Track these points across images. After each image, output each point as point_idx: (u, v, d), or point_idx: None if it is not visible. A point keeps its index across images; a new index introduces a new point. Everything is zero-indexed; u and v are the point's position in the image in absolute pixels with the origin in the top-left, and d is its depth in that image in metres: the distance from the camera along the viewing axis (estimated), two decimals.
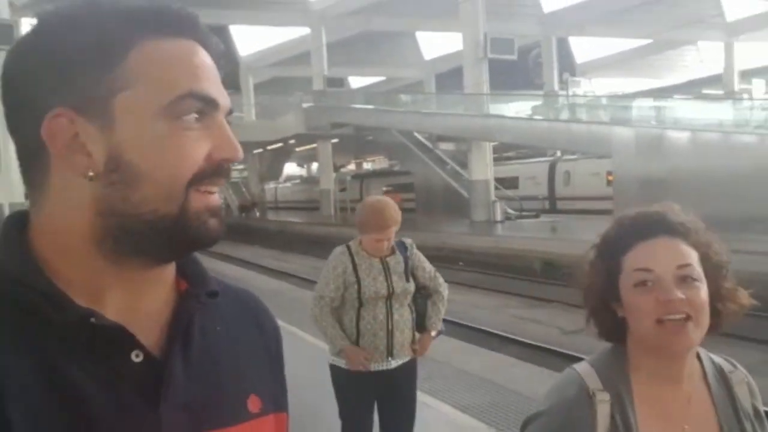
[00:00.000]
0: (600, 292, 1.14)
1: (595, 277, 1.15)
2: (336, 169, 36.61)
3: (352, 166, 49.42)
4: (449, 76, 28.25)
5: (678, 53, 40.70)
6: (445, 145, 24.46)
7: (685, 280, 1.07)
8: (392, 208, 3.10)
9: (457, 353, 6.64)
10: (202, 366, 0.65)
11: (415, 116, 24.17)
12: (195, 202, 0.61)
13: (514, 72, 30.01)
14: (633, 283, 1.08)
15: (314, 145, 30.34)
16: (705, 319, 1.08)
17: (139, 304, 0.64)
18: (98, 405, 0.58)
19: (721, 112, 16.98)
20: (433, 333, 3.19)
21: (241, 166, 43.71)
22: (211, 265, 17.76)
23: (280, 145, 32.79)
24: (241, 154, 0.63)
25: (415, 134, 24.64)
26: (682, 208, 1.14)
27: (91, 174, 0.60)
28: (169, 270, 0.67)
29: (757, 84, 28.43)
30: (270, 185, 43.03)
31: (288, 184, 47.83)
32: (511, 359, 7.18)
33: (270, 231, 27.02)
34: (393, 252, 3.14)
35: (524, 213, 22.18)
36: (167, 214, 0.60)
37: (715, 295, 1.11)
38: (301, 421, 2.95)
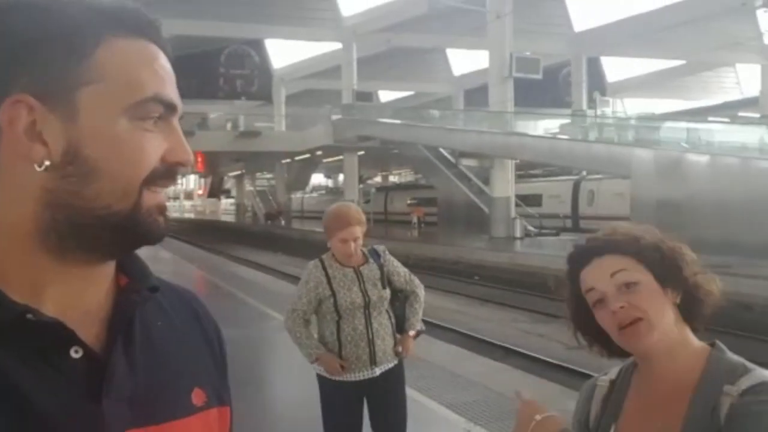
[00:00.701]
0: (584, 322, 1.21)
1: (574, 311, 1.23)
2: (362, 180, 37.11)
3: (378, 179, 49.92)
4: (478, 92, 28.51)
5: (715, 74, 40.33)
6: (467, 161, 24.76)
7: (626, 286, 1.13)
8: (354, 209, 3.17)
9: (454, 359, 6.92)
10: (144, 360, 0.65)
11: (440, 132, 24.52)
12: (147, 200, 0.62)
13: (545, 89, 30.23)
14: (592, 305, 1.17)
15: (341, 157, 30.87)
16: (660, 317, 1.12)
17: (80, 299, 0.63)
18: (38, 403, 0.57)
19: (743, 136, 16.91)
20: (412, 333, 3.20)
21: (269, 176, 44.58)
22: (231, 268, 18.31)
23: (307, 156, 33.42)
24: (192, 158, 0.65)
25: (440, 150, 24.98)
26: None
27: (47, 164, 0.59)
28: (110, 265, 0.66)
29: None
30: (297, 195, 43.73)
31: (314, 195, 48.49)
32: (503, 365, 7.47)
33: (293, 239, 27.52)
34: (366, 260, 3.16)
35: (544, 230, 22.28)
36: (120, 210, 0.61)
37: (676, 283, 1.15)
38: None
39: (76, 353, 0.60)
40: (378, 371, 3.05)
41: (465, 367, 6.43)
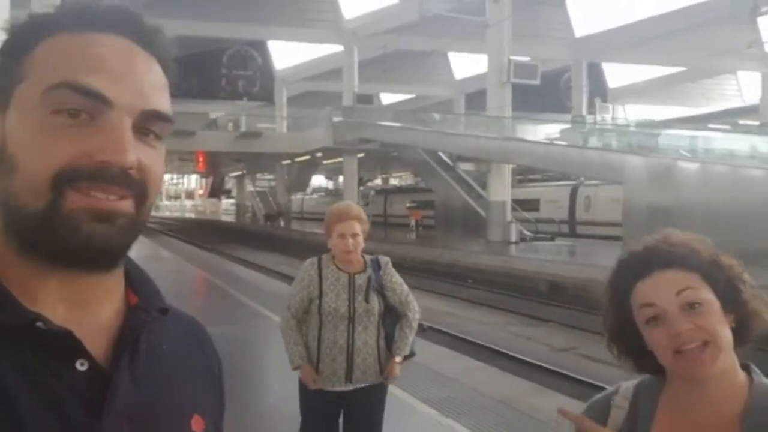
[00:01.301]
0: (623, 333, 1.14)
1: (614, 321, 1.16)
2: (362, 183, 37.28)
3: (378, 181, 50.12)
4: (479, 96, 28.73)
5: (716, 82, 40.48)
6: (465, 165, 24.95)
7: (690, 306, 1.05)
8: (354, 206, 3.13)
9: (438, 358, 7.13)
10: (147, 381, 0.64)
11: (438, 135, 24.74)
12: (72, 202, 0.57)
13: (545, 94, 30.45)
14: (644, 321, 1.09)
15: (341, 159, 31.11)
16: (724, 339, 1.05)
17: (88, 313, 0.62)
18: (37, 414, 0.56)
19: (735, 144, 17.10)
20: (398, 359, 3.04)
21: (269, 176, 44.85)
22: (228, 267, 18.49)
23: (307, 157, 33.64)
24: (126, 158, 0.58)
25: (439, 153, 25.19)
26: (681, 231, 1.15)
27: None
28: (114, 281, 0.65)
29: None
30: (297, 196, 43.97)
31: (314, 196, 48.73)
32: (481, 363, 7.72)
33: (292, 239, 27.74)
34: (364, 269, 3.05)
35: (539, 235, 22.47)
36: (34, 210, 0.58)
37: (734, 306, 1.08)
38: None
39: (81, 365, 0.59)
40: (352, 387, 2.99)
41: (445, 366, 6.65)
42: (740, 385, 1.09)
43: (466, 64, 37.34)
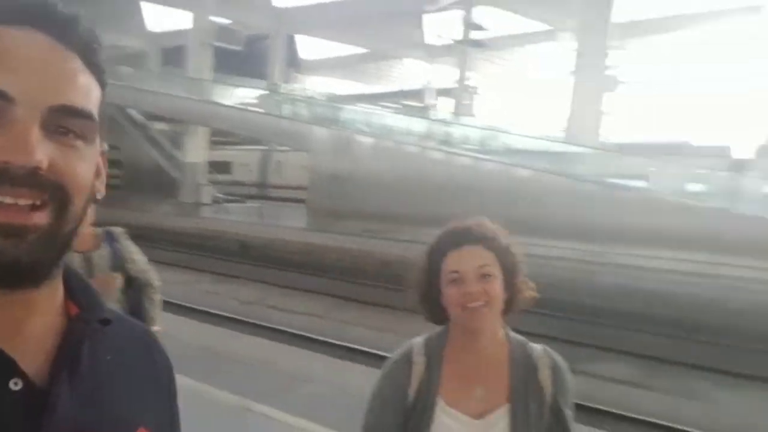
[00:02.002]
0: (427, 288, 1.46)
1: (424, 276, 1.47)
2: None
3: None
4: (176, 53, 27.68)
5: (389, 65, 45.65)
6: (159, 125, 24.18)
7: (483, 276, 1.38)
8: None
9: None
10: (89, 395, 0.61)
11: (128, 91, 23.40)
12: None
13: (247, 60, 30.70)
14: (448, 281, 1.41)
15: None
16: (499, 305, 1.40)
17: (22, 328, 0.59)
18: None
19: (401, 123, 20.08)
20: (157, 328, 2.87)
21: None
22: None
23: None
24: (28, 157, 0.54)
25: (129, 110, 23.87)
26: (489, 220, 1.49)
27: None
28: (49, 294, 0.61)
29: (444, 101, 33.41)
30: None
31: None
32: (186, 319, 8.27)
33: None
34: (98, 246, 2.90)
35: (231, 197, 23.19)
36: None
37: (510, 287, 1.43)
38: None
39: (15, 385, 0.56)
40: None
41: None
42: (502, 339, 1.46)
43: (162, 16, 35.44)
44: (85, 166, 0.59)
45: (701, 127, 28.72)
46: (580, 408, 1.55)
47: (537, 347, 1.47)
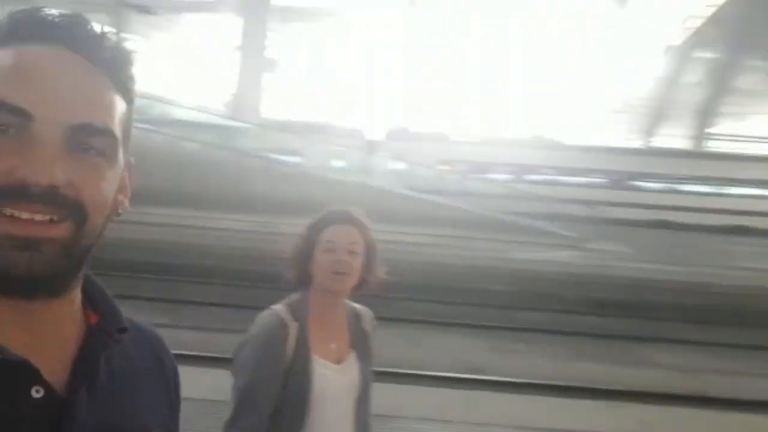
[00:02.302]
0: (301, 254, 1.71)
1: (301, 243, 1.72)
2: None
3: None
4: None
5: None
6: None
7: (351, 251, 1.69)
8: None
9: None
10: (106, 402, 0.63)
11: None
12: None
13: None
14: (322, 249, 1.68)
15: None
16: (356, 278, 1.69)
17: (41, 338, 0.60)
18: None
19: None
20: None
21: None
22: None
23: None
24: (46, 175, 0.55)
25: None
26: (358, 209, 1.78)
27: None
28: (67, 304, 0.63)
29: None
30: None
31: None
32: None
33: None
34: None
35: None
36: None
37: (368, 266, 1.72)
38: None
39: (37, 393, 0.58)
40: None
41: None
42: (342, 302, 1.77)
43: None
44: (105, 182, 0.60)
45: (341, 111, 32.39)
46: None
47: (359, 306, 1.83)
